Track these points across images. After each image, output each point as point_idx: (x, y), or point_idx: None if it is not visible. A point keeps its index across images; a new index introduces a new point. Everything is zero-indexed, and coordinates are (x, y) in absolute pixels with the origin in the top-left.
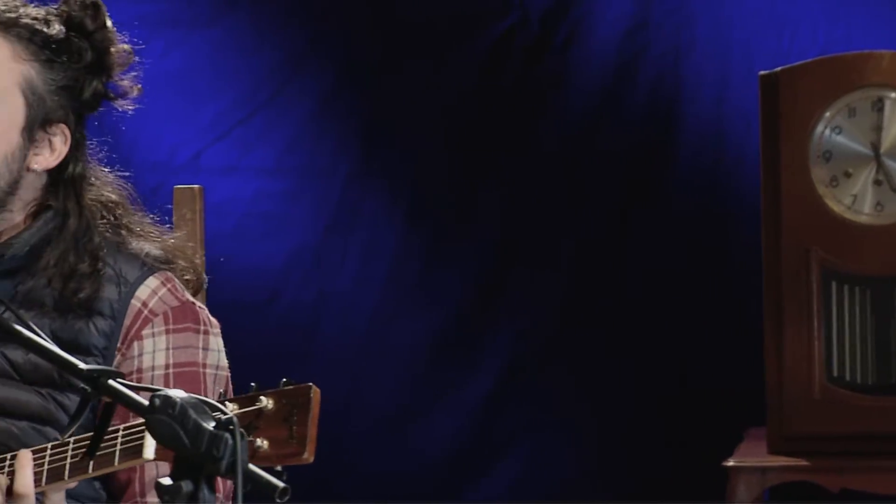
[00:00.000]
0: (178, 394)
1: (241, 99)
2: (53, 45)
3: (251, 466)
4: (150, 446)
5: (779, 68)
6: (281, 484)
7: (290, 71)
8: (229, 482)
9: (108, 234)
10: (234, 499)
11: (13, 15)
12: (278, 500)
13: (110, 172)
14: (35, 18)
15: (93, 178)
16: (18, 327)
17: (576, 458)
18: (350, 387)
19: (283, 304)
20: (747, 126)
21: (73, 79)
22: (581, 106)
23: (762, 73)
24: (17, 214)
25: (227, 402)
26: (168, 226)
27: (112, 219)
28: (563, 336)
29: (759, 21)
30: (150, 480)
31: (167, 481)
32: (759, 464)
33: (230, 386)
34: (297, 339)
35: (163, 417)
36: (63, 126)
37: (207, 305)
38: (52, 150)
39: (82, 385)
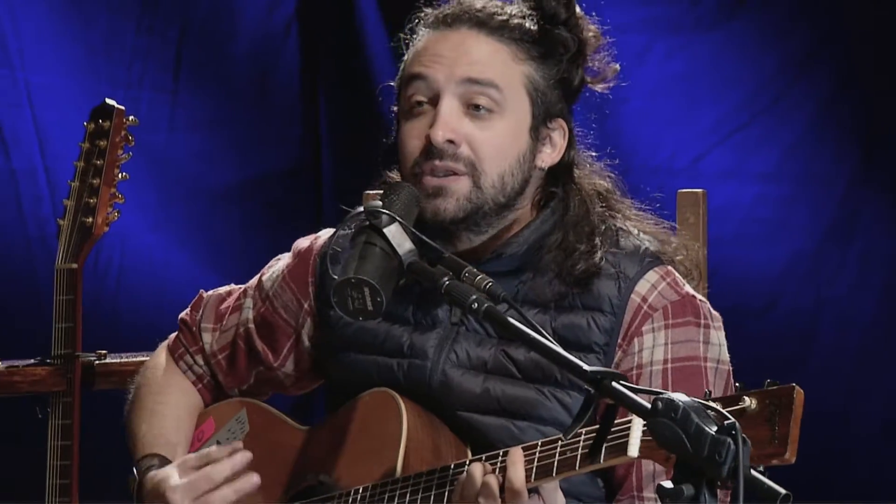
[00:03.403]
0: (680, 398)
1: (741, 103)
2: (541, 41)
3: (752, 472)
4: (634, 444)
5: None
6: (782, 490)
7: (792, 75)
8: None
9: (605, 223)
10: (734, 502)
11: (503, 17)
12: None
13: (596, 159)
14: (521, 16)
15: (584, 165)
16: (523, 327)
17: None
18: (846, 394)
19: (780, 310)
20: None
21: (565, 71)
22: None
23: None
24: (520, 211)
25: (711, 402)
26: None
27: (606, 206)
28: None
29: None
30: (647, 475)
31: (668, 484)
32: None
33: (731, 380)
34: (793, 345)
35: (665, 421)
36: (560, 120)
37: None
38: (553, 146)
39: (586, 387)
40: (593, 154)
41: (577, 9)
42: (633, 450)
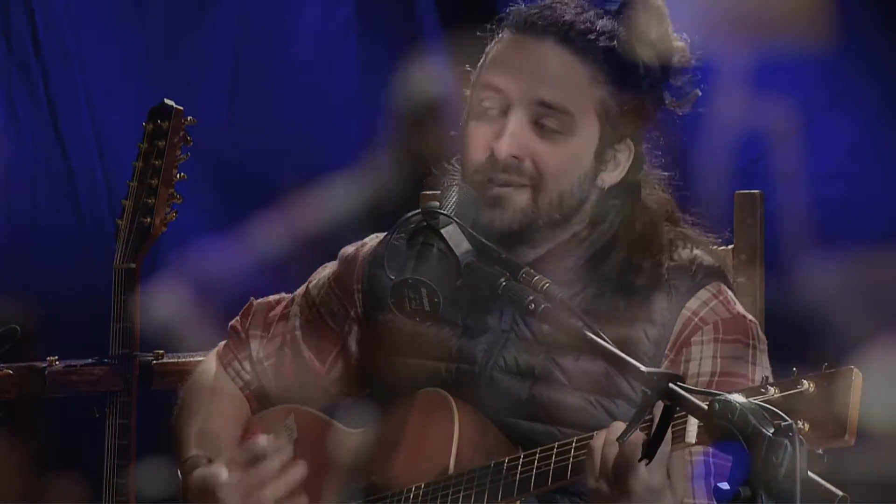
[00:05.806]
0: (737, 399)
1: (801, 104)
2: (624, 66)
3: (810, 473)
4: (692, 431)
5: None
6: (839, 492)
7: (852, 75)
8: None
9: (666, 236)
10: None
11: (591, 37)
12: None
13: (663, 174)
14: (609, 36)
15: (650, 182)
16: (580, 327)
17: None
18: None
19: None
20: None
21: (643, 96)
22: None
23: None
24: (576, 226)
25: (769, 387)
26: (727, 230)
27: (669, 220)
28: None
29: None
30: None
31: (725, 486)
32: None
33: None
34: None
35: (721, 422)
36: (628, 141)
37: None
38: (617, 165)
39: (643, 388)
40: (658, 171)
41: (670, 26)
42: (692, 436)
